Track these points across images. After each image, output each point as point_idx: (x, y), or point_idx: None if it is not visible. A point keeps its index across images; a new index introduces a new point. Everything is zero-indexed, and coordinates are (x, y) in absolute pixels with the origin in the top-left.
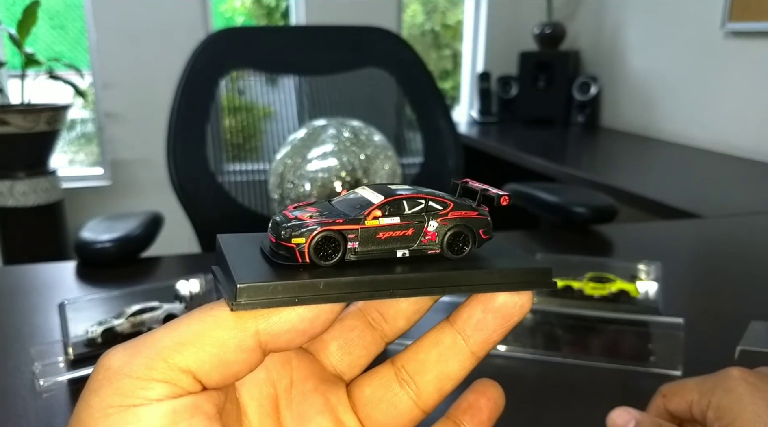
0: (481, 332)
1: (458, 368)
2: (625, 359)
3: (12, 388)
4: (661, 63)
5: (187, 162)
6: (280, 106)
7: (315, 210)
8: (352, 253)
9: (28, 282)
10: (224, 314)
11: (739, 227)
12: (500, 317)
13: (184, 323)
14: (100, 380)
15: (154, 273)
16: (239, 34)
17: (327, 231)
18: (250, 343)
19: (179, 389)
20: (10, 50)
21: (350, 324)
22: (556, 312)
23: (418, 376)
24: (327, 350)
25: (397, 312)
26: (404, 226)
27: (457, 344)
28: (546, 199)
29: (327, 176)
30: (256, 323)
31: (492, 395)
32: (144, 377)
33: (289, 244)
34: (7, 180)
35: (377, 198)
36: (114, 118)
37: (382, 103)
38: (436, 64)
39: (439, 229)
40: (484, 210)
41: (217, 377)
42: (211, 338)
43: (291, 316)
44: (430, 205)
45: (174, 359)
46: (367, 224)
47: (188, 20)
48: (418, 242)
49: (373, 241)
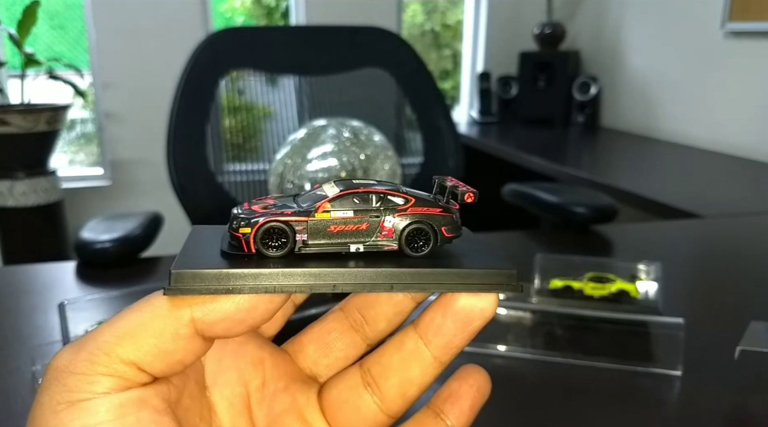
0: (442, 337)
1: (420, 374)
2: (625, 359)
3: (12, 388)
4: (661, 63)
5: (187, 162)
6: (280, 106)
7: (272, 202)
8: (302, 245)
9: (28, 282)
10: (160, 303)
11: (739, 227)
12: (459, 321)
13: (123, 315)
14: (49, 379)
15: (154, 273)
16: (239, 34)
17: (273, 222)
18: (186, 331)
19: (125, 381)
20: (10, 50)
21: (329, 326)
22: (556, 312)
23: (381, 380)
24: (304, 352)
25: (378, 314)
26: (357, 220)
27: (418, 349)
28: (546, 199)
29: (327, 176)
30: (191, 311)
31: (475, 381)
32: (88, 371)
33: (237, 234)
34: (7, 180)
35: (334, 192)
36: (114, 118)
37: (382, 103)
38: (436, 64)
39: (397, 224)
40: (453, 207)
41: (160, 366)
42: (149, 327)
43: (226, 305)
44: (388, 199)
45: (115, 352)
46: (317, 217)
47: (188, 20)
48: (374, 237)
49: (324, 234)
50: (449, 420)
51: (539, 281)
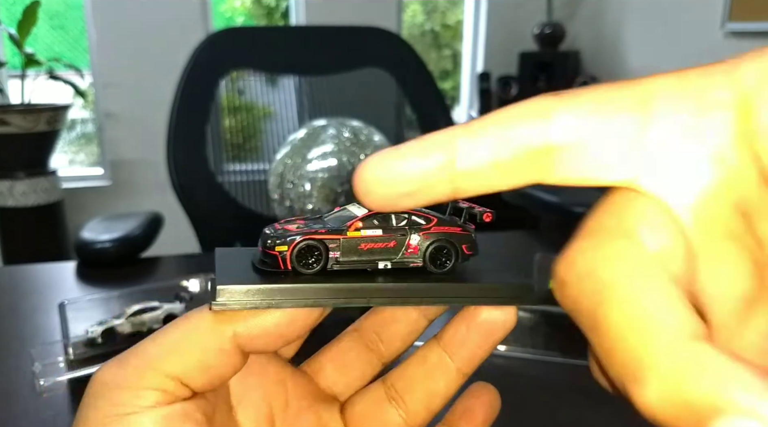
0: (466, 349)
1: (445, 386)
2: None
3: (12, 388)
4: (661, 63)
5: (187, 162)
6: (280, 106)
7: (302, 222)
8: (334, 262)
9: (28, 282)
10: (203, 319)
11: None
12: (483, 332)
13: (167, 331)
14: (95, 394)
15: (154, 273)
16: (239, 34)
17: (309, 240)
18: (228, 346)
19: (169, 395)
20: (10, 50)
21: (346, 346)
22: (556, 312)
23: (406, 394)
24: (323, 372)
25: (393, 333)
26: (386, 238)
27: (443, 362)
28: (546, 199)
29: (327, 176)
30: (234, 326)
31: (486, 398)
32: (135, 386)
33: (273, 252)
34: (7, 180)
35: (362, 212)
36: (114, 118)
37: (382, 103)
38: (436, 64)
39: (422, 243)
40: (470, 227)
41: (202, 381)
42: (193, 343)
43: (267, 319)
44: (413, 219)
45: (161, 367)
46: (349, 235)
47: (188, 20)
48: (401, 255)
49: (356, 251)
50: None
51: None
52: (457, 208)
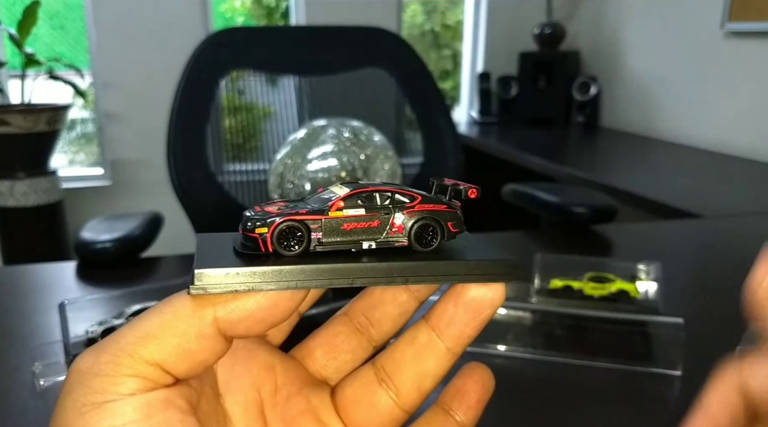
0: (454, 327)
1: (435, 366)
2: (625, 359)
3: (12, 388)
4: (661, 63)
5: (187, 162)
6: (280, 106)
7: (283, 204)
8: (317, 243)
9: (28, 282)
10: (183, 303)
11: (739, 226)
12: (471, 310)
13: (146, 317)
14: (72, 383)
15: (154, 273)
16: (239, 34)
17: (289, 221)
18: (209, 330)
19: (149, 382)
20: (10, 50)
21: (335, 330)
22: (556, 312)
23: (396, 375)
24: (312, 356)
25: (383, 315)
26: (369, 217)
27: (432, 341)
28: (546, 199)
29: (327, 176)
30: (214, 310)
31: (479, 377)
32: (113, 373)
33: (253, 234)
34: (7, 180)
35: (344, 192)
36: (114, 118)
37: (382, 103)
38: (436, 64)
39: (406, 221)
40: (455, 204)
41: (184, 367)
42: (172, 328)
43: (248, 303)
44: (396, 197)
45: (139, 353)
46: (331, 215)
47: (188, 20)
48: (385, 234)
49: (338, 232)
50: (458, 416)
51: (539, 280)
52: (441, 186)
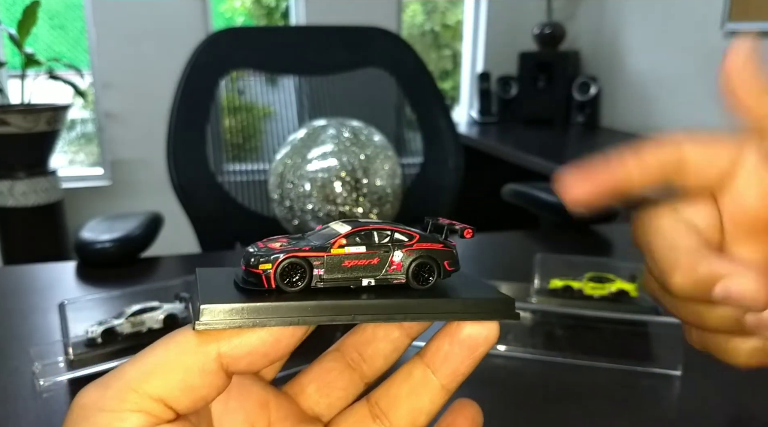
0: (449, 364)
1: (429, 402)
2: (625, 359)
3: (12, 388)
4: (661, 63)
5: (187, 162)
6: (280, 106)
7: (285, 240)
8: (318, 280)
9: (28, 282)
10: (187, 339)
11: None
12: (466, 348)
13: (150, 351)
14: (76, 418)
15: (154, 273)
16: (239, 34)
17: (292, 257)
18: (213, 366)
19: (153, 417)
20: (10, 50)
21: (328, 366)
22: (556, 312)
23: (390, 411)
24: (305, 393)
25: (375, 352)
26: (369, 255)
27: (427, 378)
28: (546, 199)
29: (327, 176)
30: (218, 345)
31: (469, 414)
32: (117, 409)
33: (256, 270)
34: (7, 180)
35: (345, 229)
36: (114, 118)
37: (382, 103)
38: (436, 64)
39: (405, 259)
40: (451, 243)
41: (186, 402)
42: (176, 363)
43: (251, 339)
44: (395, 236)
45: (143, 388)
46: (333, 252)
47: (188, 20)
48: (384, 272)
49: (339, 269)
50: None
51: (539, 281)
52: (437, 225)
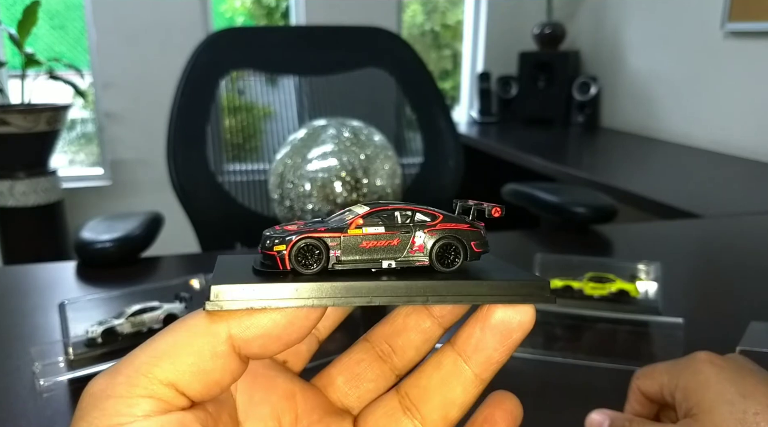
0: (482, 352)
1: (462, 393)
2: (625, 359)
3: (12, 388)
4: (661, 63)
5: (187, 162)
6: (280, 106)
7: (303, 223)
8: (335, 261)
9: (28, 282)
10: (197, 321)
11: (739, 226)
12: (499, 333)
13: (159, 337)
14: (86, 407)
15: (154, 273)
16: (239, 34)
17: (307, 238)
18: (224, 348)
19: (164, 403)
20: (10, 50)
21: (357, 357)
22: (556, 312)
23: (421, 403)
24: (334, 385)
25: (406, 343)
26: (389, 236)
27: (458, 367)
28: (546, 199)
29: (327, 176)
30: (228, 326)
31: (508, 406)
32: (127, 394)
33: (271, 252)
34: (7, 180)
35: (364, 210)
36: (114, 118)
37: (382, 103)
38: (436, 64)
39: (427, 240)
40: (478, 224)
41: (198, 387)
42: (186, 347)
43: (264, 320)
44: (417, 216)
45: (153, 373)
46: (350, 233)
47: (188, 20)
48: (405, 253)
49: (357, 250)
50: None
51: None
52: (465, 207)
